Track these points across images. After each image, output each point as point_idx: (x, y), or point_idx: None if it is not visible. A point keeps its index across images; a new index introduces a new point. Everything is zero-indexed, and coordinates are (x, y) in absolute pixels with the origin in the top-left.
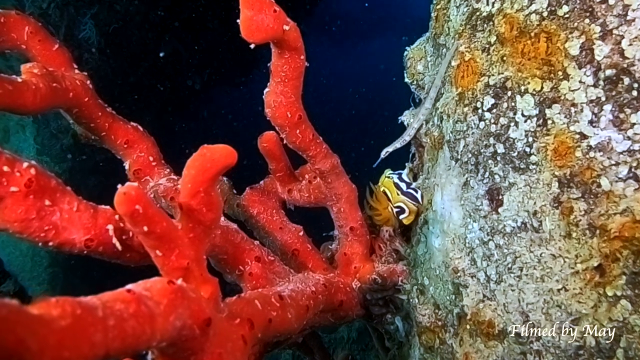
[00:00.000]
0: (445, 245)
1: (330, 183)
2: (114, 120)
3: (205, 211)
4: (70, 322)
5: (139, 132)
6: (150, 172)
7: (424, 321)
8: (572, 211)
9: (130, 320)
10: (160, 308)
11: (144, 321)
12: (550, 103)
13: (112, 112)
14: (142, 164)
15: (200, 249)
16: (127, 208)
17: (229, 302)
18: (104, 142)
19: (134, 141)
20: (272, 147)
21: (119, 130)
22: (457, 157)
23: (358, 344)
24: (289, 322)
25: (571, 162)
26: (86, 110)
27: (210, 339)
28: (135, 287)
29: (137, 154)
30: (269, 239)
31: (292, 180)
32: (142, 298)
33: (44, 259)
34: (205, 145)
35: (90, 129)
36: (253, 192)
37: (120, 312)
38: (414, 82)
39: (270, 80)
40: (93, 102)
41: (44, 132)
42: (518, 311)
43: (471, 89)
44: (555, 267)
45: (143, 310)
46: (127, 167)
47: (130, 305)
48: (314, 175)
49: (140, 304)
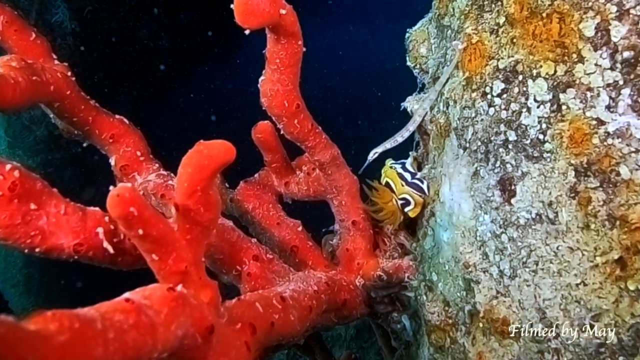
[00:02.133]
0: (454, 238)
1: (331, 175)
2: (98, 113)
3: (203, 211)
4: (69, 336)
5: (125, 125)
6: (138, 168)
7: (434, 319)
8: (590, 201)
9: (130, 332)
10: (161, 317)
11: (145, 332)
12: (565, 87)
13: (95, 105)
14: (129, 160)
15: (199, 251)
16: (122, 211)
17: (228, 305)
18: (88, 137)
19: (120, 135)
20: (267, 138)
21: (104, 124)
22: (466, 146)
23: (356, 342)
24: (292, 324)
25: (588, 150)
26: (68, 104)
27: (213, 347)
28: (134, 295)
29: (124, 149)
30: (266, 236)
31: (289, 173)
32: (142, 307)
33: (18, 260)
34: (202, 141)
35: (73, 123)
36: (248, 186)
37: (120, 324)
38: (416, 66)
39: (266, 67)
40: (75, 95)
41: (15, 123)
42: (534, 308)
43: (479, 73)
44: (573, 261)
45: (144, 321)
46: (113, 163)
47: (130, 316)
48: (312, 167)
49: (141, 313)
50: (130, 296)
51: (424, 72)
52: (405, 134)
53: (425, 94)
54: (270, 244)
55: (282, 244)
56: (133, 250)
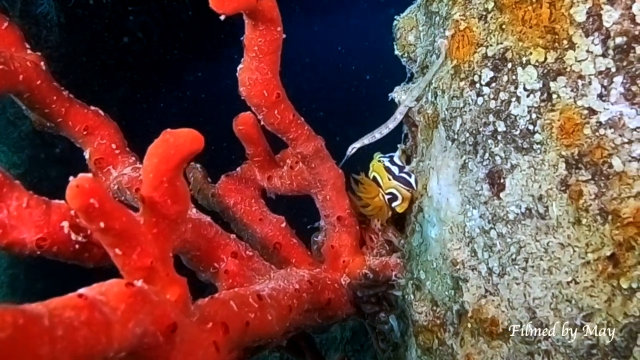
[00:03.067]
0: (442, 235)
1: (314, 168)
2: (71, 104)
3: (170, 204)
4: (11, 333)
5: (100, 117)
6: (113, 161)
7: (421, 320)
8: (581, 195)
9: (82, 329)
10: (118, 314)
11: (98, 329)
12: (555, 75)
13: (69, 95)
14: (103, 152)
15: (166, 246)
16: (81, 202)
17: (200, 304)
18: (61, 129)
19: (94, 127)
20: (249, 130)
21: (77, 115)
22: (454, 137)
23: (352, 345)
24: (270, 324)
25: (579, 141)
26: (39, 95)
27: (176, 347)
28: (89, 291)
29: (98, 142)
30: (248, 232)
31: (272, 166)
32: (96, 303)
33: (2, 260)
34: (168, 129)
35: (45, 115)
36: (229, 180)
37: (70, 320)
38: (404, 54)
39: (244, 55)
40: (46, 86)
41: (0, 118)
42: (524, 307)
43: (467, 61)
44: (564, 258)
45: (97, 318)
46: (87, 156)
47: (82, 312)
48: (295, 160)
49: (94, 310)
50: (85, 291)
51: (412, 61)
52: (384, 131)
53: (414, 84)
54: (252, 241)
55: (264, 240)
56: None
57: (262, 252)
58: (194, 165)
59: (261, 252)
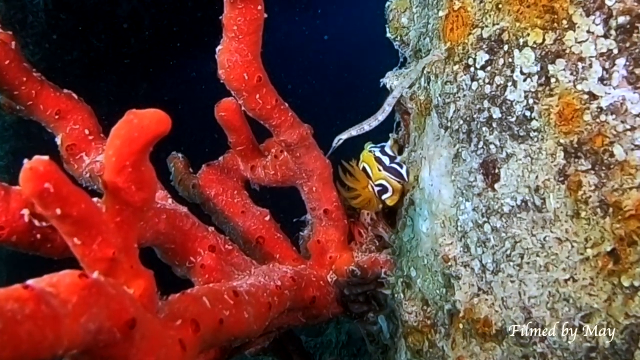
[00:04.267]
0: (434, 229)
1: (299, 158)
2: (43, 87)
3: (134, 190)
4: None
5: (73, 100)
6: (86, 148)
7: (411, 320)
8: (580, 186)
9: (25, 323)
10: (68, 308)
11: (44, 324)
12: (554, 58)
13: (40, 77)
14: (76, 138)
15: (130, 235)
16: (35, 187)
17: (170, 300)
18: (31, 112)
19: (67, 111)
20: (231, 117)
21: (49, 98)
22: (447, 125)
23: (348, 349)
24: (246, 322)
25: (579, 128)
26: (7, 75)
27: (136, 345)
28: (37, 282)
29: (71, 127)
30: (230, 225)
31: (256, 156)
32: (43, 296)
33: None
34: (133, 110)
35: (14, 97)
36: (210, 170)
37: (13, 314)
38: (397, 37)
39: (223, 36)
40: (16, 66)
41: None
42: (519, 307)
43: (462, 43)
44: (562, 254)
45: (43, 311)
46: (59, 142)
47: (27, 305)
48: (280, 149)
49: (40, 303)
50: (32, 282)
51: (405, 44)
52: (373, 123)
53: (405, 70)
54: (234, 235)
55: (246, 234)
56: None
57: (244, 246)
58: (175, 155)
59: (243, 246)
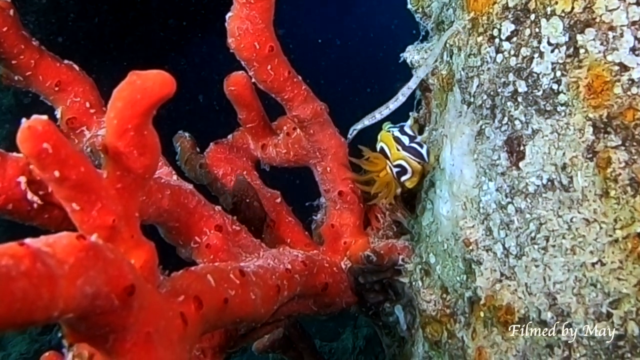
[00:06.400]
0: (455, 211)
1: (313, 135)
2: (42, 57)
3: (136, 155)
4: None
5: (74, 71)
6: (87, 121)
7: (429, 309)
8: (609, 163)
9: (19, 281)
10: (65, 268)
11: (39, 283)
12: (583, 27)
13: (40, 47)
14: (77, 111)
15: (131, 203)
16: (33, 147)
17: (173, 276)
18: (30, 83)
19: (68, 83)
20: (242, 91)
21: (49, 69)
22: (470, 100)
23: (365, 355)
24: (253, 304)
25: (608, 101)
26: (5, 43)
27: (134, 314)
28: (34, 241)
29: (71, 99)
30: None
31: (268, 134)
32: (39, 254)
33: None
34: (135, 71)
35: (12, 66)
36: (218, 149)
37: (7, 269)
38: (418, 9)
39: (234, 2)
40: (14, 33)
41: None
42: (543, 293)
43: (486, 12)
44: (589, 235)
45: (39, 269)
46: (58, 115)
47: (22, 262)
48: (293, 127)
49: (36, 260)
50: (29, 241)
51: (426, 17)
52: (385, 112)
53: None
54: None
55: None
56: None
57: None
58: (181, 134)
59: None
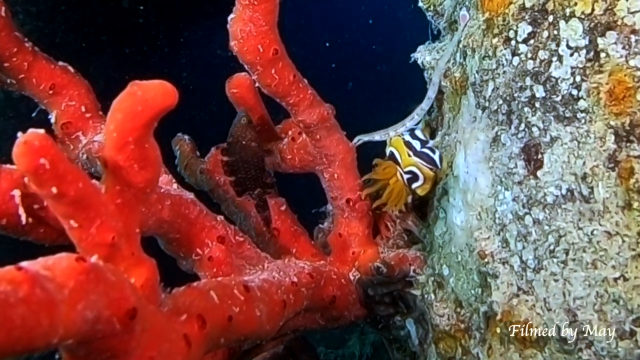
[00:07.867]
0: (469, 221)
1: (320, 141)
2: (36, 59)
3: (137, 169)
4: None
5: (69, 74)
6: (82, 126)
7: (442, 324)
8: (632, 173)
9: (19, 307)
10: (65, 293)
11: (39, 309)
12: (604, 30)
13: (33, 48)
14: (72, 116)
15: (132, 219)
16: (29, 162)
17: (174, 293)
18: (23, 87)
19: (62, 86)
20: (244, 94)
21: (43, 71)
22: (485, 105)
23: None
24: (258, 321)
25: (631, 108)
26: None
27: (137, 337)
28: (32, 264)
29: (66, 103)
30: (241, 215)
31: (272, 138)
32: (38, 279)
33: None
34: (136, 81)
35: (5, 69)
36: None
37: (6, 296)
38: (430, 7)
39: (236, 3)
40: (6, 35)
41: None
42: (563, 309)
43: (502, 13)
44: (611, 249)
45: (38, 295)
46: (53, 119)
47: (21, 288)
48: (298, 131)
49: (35, 286)
50: (26, 264)
51: (438, 15)
52: (400, 129)
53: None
54: (245, 226)
55: (260, 225)
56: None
57: (257, 239)
58: (181, 136)
59: (256, 239)
